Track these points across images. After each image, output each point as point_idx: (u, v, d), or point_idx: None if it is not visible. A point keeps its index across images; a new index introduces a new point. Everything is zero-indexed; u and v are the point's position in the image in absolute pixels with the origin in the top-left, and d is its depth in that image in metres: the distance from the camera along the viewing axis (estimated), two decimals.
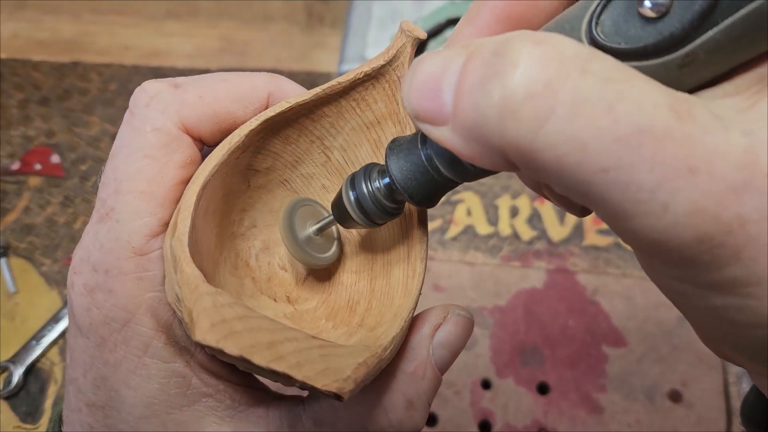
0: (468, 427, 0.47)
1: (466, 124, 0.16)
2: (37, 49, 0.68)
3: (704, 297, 0.16)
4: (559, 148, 0.14)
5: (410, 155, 0.22)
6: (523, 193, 0.57)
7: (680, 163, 0.14)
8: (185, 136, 0.23)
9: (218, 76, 0.25)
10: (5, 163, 0.60)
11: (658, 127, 0.14)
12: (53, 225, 0.57)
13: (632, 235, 0.15)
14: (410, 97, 0.18)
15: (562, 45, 0.15)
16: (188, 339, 0.23)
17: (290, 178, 0.27)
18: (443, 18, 0.63)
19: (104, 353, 0.23)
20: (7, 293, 0.54)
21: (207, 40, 0.68)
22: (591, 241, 0.54)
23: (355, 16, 0.64)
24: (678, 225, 0.14)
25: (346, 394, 0.20)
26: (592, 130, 0.14)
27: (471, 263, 0.53)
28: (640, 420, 0.46)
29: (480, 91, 0.16)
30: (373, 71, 0.25)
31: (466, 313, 0.26)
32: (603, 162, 0.14)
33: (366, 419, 0.24)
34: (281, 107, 0.24)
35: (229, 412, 0.24)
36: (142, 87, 0.24)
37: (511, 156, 0.16)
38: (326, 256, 0.27)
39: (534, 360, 0.49)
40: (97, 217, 0.23)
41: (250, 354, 0.18)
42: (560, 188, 0.16)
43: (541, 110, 0.14)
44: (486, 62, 0.16)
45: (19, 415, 0.49)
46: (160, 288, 0.23)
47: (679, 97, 0.15)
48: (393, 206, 0.24)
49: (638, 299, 0.51)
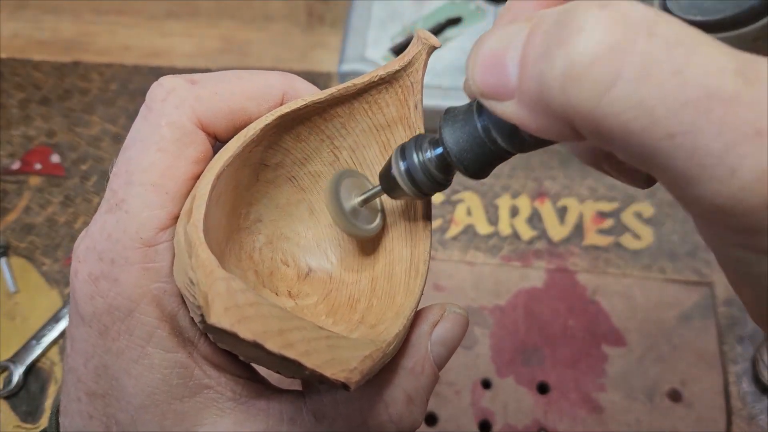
0: (468, 426, 0.47)
1: (532, 96, 0.16)
2: (37, 49, 0.68)
3: (765, 263, 0.16)
4: (626, 113, 0.14)
5: (466, 126, 0.22)
6: (523, 193, 0.57)
7: (748, 127, 0.14)
8: (199, 131, 0.24)
9: (234, 74, 0.25)
10: (5, 162, 0.60)
11: (726, 91, 0.14)
12: (53, 225, 0.57)
13: (697, 202, 0.15)
14: (474, 75, 0.18)
15: (628, 7, 0.15)
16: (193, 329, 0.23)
17: (298, 175, 0.28)
18: (443, 18, 0.63)
19: (107, 342, 0.23)
20: (7, 293, 0.54)
21: (207, 40, 0.68)
22: (591, 240, 0.54)
23: (355, 16, 0.64)
24: (745, 189, 0.14)
25: (353, 384, 0.20)
26: (659, 94, 0.14)
27: (471, 263, 0.53)
28: (640, 420, 0.46)
29: (544, 61, 0.15)
30: (388, 75, 0.26)
31: (462, 311, 0.26)
32: (670, 127, 0.14)
33: (366, 413, 0.24)
34: (296, 104, 0.25)
35: (230, 404, 0.24)
36: (159, 82, 0.24)
37: (576, 124, 0.16)
38: (371, 228, 0.27)
39: (534, 360, 0.49)
40: (107, 207, 0.23)
41: (263, 339, 0.18)
42: (625, 155, 0.16)
43: (606, 75, 0.14)
44: (549, 31, 0.16)
45: (19, 414, 0.49)
46: (166, 279, 0.23)
47: (746, 60, 0.14)
48: (443, 177, 0.24)
49: (638, 299, 0.51)
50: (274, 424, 0.24)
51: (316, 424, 0.24)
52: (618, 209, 0.56)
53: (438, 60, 0.60)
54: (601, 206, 0.56)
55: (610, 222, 0.55)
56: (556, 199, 0.56)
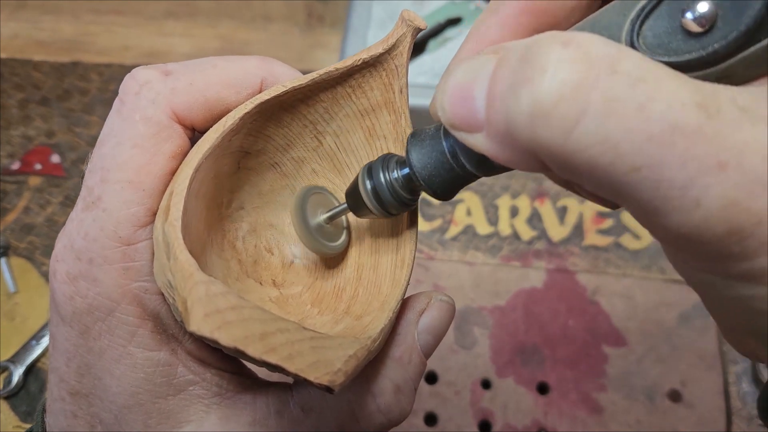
0: (468, 427, 0.47)
1: (499, 130, 0.16)
2: (37, 49, 0.68)
3: (733, 287, 0.16)
4: (591, 149, 0.15)
5: (433, 149, 0.22)
6: (523, 193, 0.57)
7: (711, 159, 0.14)
8: (176, 125, 0.23)
9: (209, 61, 0.24)
10: (5, 163, 0.60)
11: (689, 125, 0.14)
12: (53, 225, 0.57)
13: (663, 231, 0.15)
14: (444, 106, 0.18)
15: (590, 45, 0.15)
16: (177, 326, 0.23)
17: (281, 162, 0.27)
18: (443, 18, 0.63)
19: (88, 341, 0.23)
20: (7, 293, 0.54)
21: (207, 40, 0.68)
22: (591, 240, 0.54)
23: (355, 16, 0.64)
24: (710, 219, 0.14)
25: (337, 386, 0.20)
26: (623, 130, 0.14)
27: (471, 263, 0.53)
28: (640, 420, 0.46)
29: (510, 98, 0.16)
30: (372, 59, 0.25)
31: (449, 299, 0.26)
32: (635, 161, 0.14)
33: (354, 405, 0.24)
34: (276, 91, 0.24)
35: (215, 399, 0.24)
36: (132, 74, 0.23)
37: (543, 158, 0.16)
38: (336, 245, 0.27)
39: (534, 360, 0.49)
40: (83, 205, 0.23)
41: (244, 345, 0.18)
42: (592, 187, 0.16)
43: (571, 113, 0.15)
44: (514, 68, 0.16)
45: (19, 414, 0.49)
46: (147, 278, 0.22)
47: (706, 92, 0.15)
48: (409, 197, 0.24)
49: (638, 299, 0.51)
50: (261, 418, 0.24)
51: (304, 417, 0.24)
52: (618, 209, 0.56)
53: (437, 60, 0.60)
54: (601, 206, 0.56)
55: (609, 222, 0.55)
56: (555, 199, 0.56)
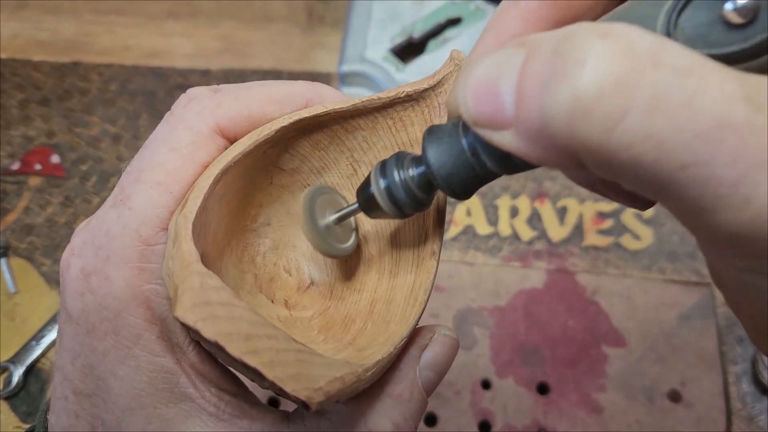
0: (468, 427, 0.47)
1: (532, 128, 0.16)
2: (37, 49, 0.68)
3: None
4: (636, 147, 0.14)
5: (451, 147, 0.20)
6: (523, 193, 0.57)
7: (761, 155, 0.13)
8: (217, 137, 0.24)
9: (258, 82, 0.25)
10: (5, 163, 0.60)
11: (737, 120, 0.13)
12: (53, 225, 0.57)
13: (709, 230, 0.15)
14: (467, 103, 0.17)
15: (631, 36, 0.14)
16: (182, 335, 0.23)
17: (313, 184, 0.27)
18: (443, 18, 0.63)
19: (93, 341, 0.23)
20: (7, 293, 0.54)
21: (207, 40, 0.68)
22: (591, 241, 0.54)
23: (355, 16, 0.64)
24: (760, 217, 0.14)
25: (314, 404, 0.19)
26: (670, 126, 0.14)
27: (471, 263, 0.53)
28: (639, 420, 0.46)
29: (545, 93, 0.15)
30: (416, 93, 0.25)
31: (452, 333, 0.26)
32: (682, 159, 0.14)
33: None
34: (316, 110, 0.24)
35: (211, 419, 0.23)
36: (186, 92, 0.25)
37: (581, 156, 0.15)
38: (345, 247, 0.26)
39: (534, 360, 0.49)
40: (112, 202, 0.23)
41: (225, 341, 0.18)
42: (633, 186, 0.15)
43: (615, 109, 0.14)
44: (548, 61, 0.15)
45: (19, 415, 0.49)
46: (159, 281, 0.22)
47: (751, 85, 0.14)
48: (425, 197, 0.23)
49: (638, 299, 0.51)
50: None
51: None
52: (618, 210, 0.56)
53: (437, 60, 0.60)
54: (600, 207, 0.56)
55: (609, 222, 0.55)
56: (555, 199, 0.56)
